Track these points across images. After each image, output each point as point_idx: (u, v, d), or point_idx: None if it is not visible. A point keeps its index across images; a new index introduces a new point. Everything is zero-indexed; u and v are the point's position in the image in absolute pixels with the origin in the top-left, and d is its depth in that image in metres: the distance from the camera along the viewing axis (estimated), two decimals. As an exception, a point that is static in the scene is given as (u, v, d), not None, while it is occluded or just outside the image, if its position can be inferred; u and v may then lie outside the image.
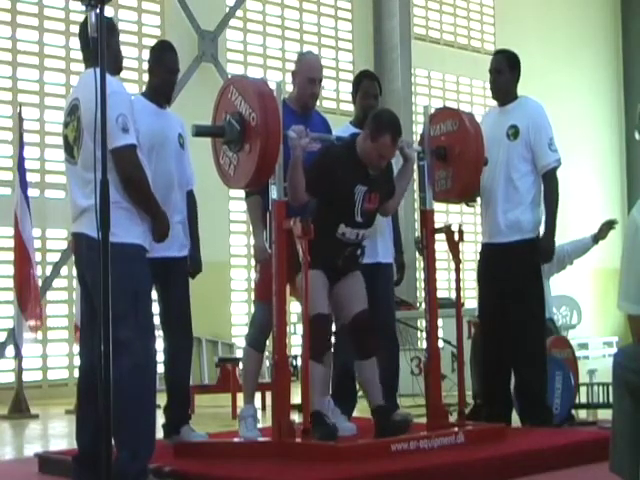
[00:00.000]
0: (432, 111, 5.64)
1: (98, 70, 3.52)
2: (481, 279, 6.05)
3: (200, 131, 4.79)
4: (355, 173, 5.02)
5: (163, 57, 5.41)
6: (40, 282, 10.45)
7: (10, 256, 8.94)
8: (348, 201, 4.99)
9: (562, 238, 6.75)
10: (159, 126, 5.24)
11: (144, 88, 5.62)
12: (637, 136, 3.81)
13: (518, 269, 5.78)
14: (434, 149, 5.47)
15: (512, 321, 5.74)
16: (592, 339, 16.20)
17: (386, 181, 5.22)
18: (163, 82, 5.37)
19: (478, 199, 6.00)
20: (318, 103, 5.56)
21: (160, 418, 5.09)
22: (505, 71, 5.93)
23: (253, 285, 5.86)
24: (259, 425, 5.51)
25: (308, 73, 5.32)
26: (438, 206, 5.53)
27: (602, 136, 17.73)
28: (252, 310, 5.64)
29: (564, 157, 5.86)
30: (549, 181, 5.81)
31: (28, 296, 8.54)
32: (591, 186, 17.31)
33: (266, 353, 5.54)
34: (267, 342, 5.23)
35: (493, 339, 5.84)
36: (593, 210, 17.11)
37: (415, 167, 5.50)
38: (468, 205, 6.23)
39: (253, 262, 5.55)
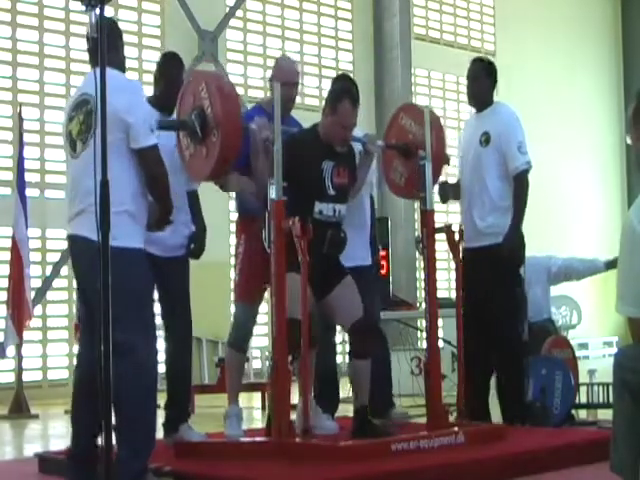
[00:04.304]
0: (430, 112, 5.67)
1: (108, 69, 3.59)
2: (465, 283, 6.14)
3: (163, 125, 4.89)
4: (320, 150, 5.12)
5: (164, 69, 5.45)
6: (40, 282, 10.49)
7: (8, 256, 8.92)
8: (317, 176, 5.06)
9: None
10: (163, 133, 5.24)
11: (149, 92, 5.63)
12: (628, 140, 3.80)
13: (494, 271, 5.80)
14: (401, 144, 5.63)
15: (490, 322, 5.80)
16: (592, 339, 16.19)
17: (352, 160, 5.29)
18: (164, 92, 5.38)
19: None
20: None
21: (160, 417, 5.09)
22: (481, 78, 6.06)
23: (232, 285, 5.88)
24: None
25: (284, 77, 5.37)
26: (438, 206, 5.56)
27: (602, 136, 17.70)
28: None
29: (564, 157, 5.87)
30: (519, 183, 5.85)
31: (19, 296, 8.53)
32: (591, 186, 17.29)
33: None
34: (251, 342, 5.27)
35: (477, 341, 5.83)
36: (593, 210, 17.11)
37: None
38: (443, 202, 6.34)
39: (232, 261, 5.56)
